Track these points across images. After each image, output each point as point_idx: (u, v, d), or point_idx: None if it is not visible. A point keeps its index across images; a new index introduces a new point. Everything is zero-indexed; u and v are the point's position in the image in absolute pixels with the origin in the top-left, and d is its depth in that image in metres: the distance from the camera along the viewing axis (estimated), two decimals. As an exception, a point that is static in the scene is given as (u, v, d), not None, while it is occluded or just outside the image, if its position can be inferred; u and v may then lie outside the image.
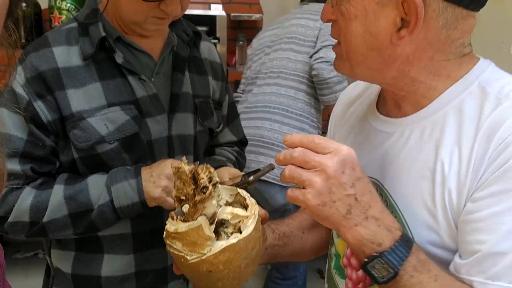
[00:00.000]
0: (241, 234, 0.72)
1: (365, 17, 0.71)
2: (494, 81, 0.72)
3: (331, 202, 0.66)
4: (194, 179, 0.70)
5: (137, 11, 1.00)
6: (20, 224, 1.03)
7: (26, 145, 1.01)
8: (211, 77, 1.23)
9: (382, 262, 0.66)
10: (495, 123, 0.67)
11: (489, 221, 0.65)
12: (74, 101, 1.02)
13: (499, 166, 0.65)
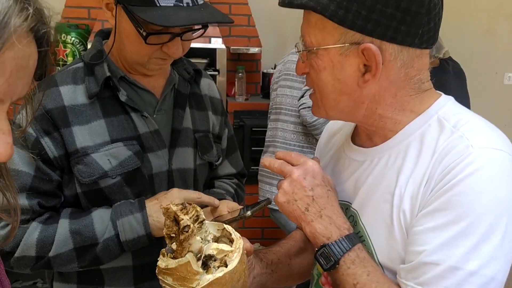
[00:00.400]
0: (226, 268, 0.77)
1: (332, 67, 0.79)
2: (452, 115, 0.80)
3: (293, 200, 0.84)
4: (176, 221, 0.76)
5: (141, 53, 1.05)
6: (26, 258, 1.05)
7: (34, 180, 1.05)
8: (211, 112, 1.28)
9: (326, 251, 0.81)
10: (444, 151, 0.76)
11: (426, 234, 0.74)
12: (79, 138, 1.06)
13: (440, 188, 0.74)
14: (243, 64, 3.08)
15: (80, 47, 2.82)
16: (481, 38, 3.49)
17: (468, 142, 0.74)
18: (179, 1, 0.99)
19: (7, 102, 0.50)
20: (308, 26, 0.80)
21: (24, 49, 0.48)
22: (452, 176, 0.72)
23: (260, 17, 3.16)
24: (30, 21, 0.48)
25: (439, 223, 0.72)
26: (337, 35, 0.77)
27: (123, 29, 1.04)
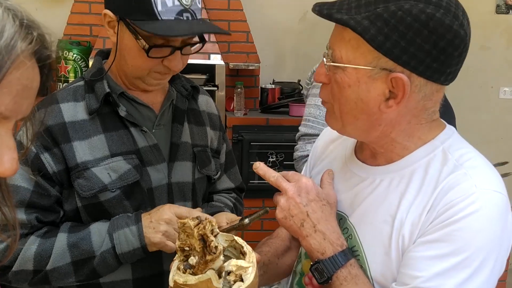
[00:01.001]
0: (244, 283, 0.79)
1: (358, 87, 0.81)
2: (455, 149, 0.85)
3: (290, 216, 0.88)
4: (204, 241, 0.77)
5: (142, 67, 1.08)
6: (24, 272, 1.07)
7: (32, 195, 1.07)
8: (208, 128, 1.30)
9: (320, 267, 0.85)
10: (448, 186, 0.80)
11: (423, 261, 0.78)
12: (79, 152, 1.09)
13: (441, 221, 0.78)
14: (241, 80, 3.12)
15: (81, 63, 2.86)
16: (477, 53, 3.53)
17: (472, 182, 0.79)
18: (180, 15, 1.03)
19: (13, 120, 0.53)
20: (341, 41, 0.81)
21: (28, 71, 0.51)
22: (454, 212, 0.77)
23: (258, 34, 3.21)
24: (34, 44, 0.51)
25: (438, 254, 0.77)
26: (370, 57, 0.78)
27: (124, 45, 1.08)
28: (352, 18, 0.78)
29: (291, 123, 2.94)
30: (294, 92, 3.14)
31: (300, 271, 1.01)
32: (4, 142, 0.52)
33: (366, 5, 0.78)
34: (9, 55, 0.48)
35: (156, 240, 1.05)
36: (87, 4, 3.02)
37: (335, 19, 0.80)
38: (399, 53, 0.77)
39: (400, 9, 0.76)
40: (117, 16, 1.06)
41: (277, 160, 2.94)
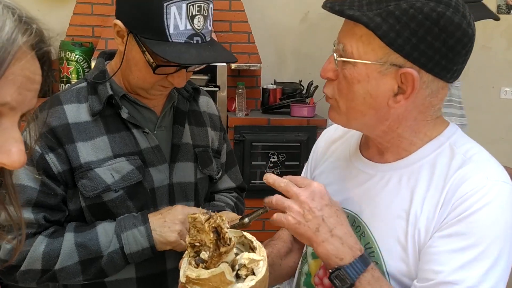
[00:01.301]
0: (256, 276, 0.79)
1: (367, 82, 0.82)
2: (461, 144, 0.88)
3: (304, 221, 0.83)
4: (217, 232, 0.77)
5: (147, 80, 1.10)
6: (32, 272, 1.08)
7: (39, 194, 1.08)
8: (209, 128, 1.32)
9: (341, 274, 0.82)
10: (459, 179, 0.83)
11: (444, 256, 0.80)
12: (83, 153, 1.10)
13: (458, 214, 0.80)
14: (243, 80, 3.13)
15: (84, 64, 2.88)
16: (478, 53, 3.52)
17: (483, 174, 0.82)
18: (190, 39, 1.04)
19: (19, 111, 0.54)
20: (351, 37, 0.83)
21: (30, 63, 0.53)
22: (470, 204, 0.80)
23: (259, 34, 3.22)
24: (33, 37, 0.54)
25: (458, 247, 0.79)
26: (380, 53, 0.80)
27: (132, 56, 1.08)
28: (364, 15, 0.79)
29: (293, 124, 2.95)
30: (295, 92, 3.15)
31: (307, 272, 1.02)
32: (11, 134, 0.54)
33: (378, 3, 0.80)
34: (11, 47, 0.50)
35: (173, 239, 1.08)
36: (89, 5, 3.03)
37: (347, 15, 0.81)
38: (410, 49, 0.79)
39: (411, 7, 0.78)
40: (128, 29, 1.06)
41: (279, 161, 2.96)
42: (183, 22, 1.01)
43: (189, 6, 1.01)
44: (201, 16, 1.04)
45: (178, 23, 1.01)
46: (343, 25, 0.87)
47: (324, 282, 0.96)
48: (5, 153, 0.53)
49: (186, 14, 1.01)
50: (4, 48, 0.49)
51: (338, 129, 1.10)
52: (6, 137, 0.53)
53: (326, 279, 0.95)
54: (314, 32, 3.30)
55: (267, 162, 2.95)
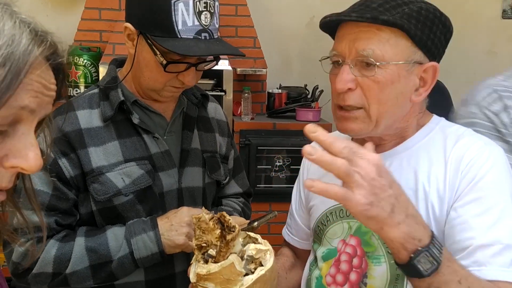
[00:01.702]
0: (265, 266, 0.80)
1: (399, 82, 0.88)
2: (449, 127, 0.97)
3: (377, 202, 0.70)
4: (221, 222, 0.79)
5: (158, 80, 1.12)
6: (43, 275, 1.11)
7: (51, 199, 1.11)
8: (217, 134, 1.34)
9: (427, 255, 0.73)
10: (460, 150, 0.89)
11: (471, 221, 0.83)
12: (95, 158, 1.13)
13: (469, 181, 0.86)
14: (249, 85, 3.14)
15: (92, 69, 2.91)
16: (484, 58, 3.54)
17: (480, 142, 0.90)
18: (198, 35, 1.07)
19: (37, 115, 0.57)
20: (378, 42, 0.86)
21: (45, 72, 0.56)
22: (477, 169, 0.86)
23: (265, 39, 3.24)
24: (48, 49, 0.57)
25: (480, 211, 0.83)
26: (407, 53, 0.87)
27: (142, 57, 1.11)
28: (396, 18, 0.85)
29: (298, 128, 2.97)
30: (300, 96, 3.16)
31: (318, 276, 1.03)
32: (28, 139, 0.56)
33: (394, 7, 0.87)
34: (28, 57, 0.53)
35: (181, 242, 1.10)
36: (97, 10, 3.06)
37: (381, 20, 0.85)
38: (430, 45, 0.88)
39: (421, 8, 0.88)
40: (138, 30, 1.10)
41: (284, 165, 2.97)
42: (190, 18, 1.05)
43: (195, 2, 1.05)
44: (208, 12, 1.07)
45: (186, 19, 1.05)
46: (354, 34, 0.87)
47: (337, 279, 0.98)
48: (23, 158, 0.56)
49: (193, 10, 1.05)
50: (22, 58, 0.52)
51: None
52: (24, 143, 0.56)
53: (339, 275, 0.97)
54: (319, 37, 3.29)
55: (273, 166, 2.96)
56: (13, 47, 0.52)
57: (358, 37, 0.87)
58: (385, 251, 0.92)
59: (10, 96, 0.51)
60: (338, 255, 0.99)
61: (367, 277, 0.95)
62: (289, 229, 1.21)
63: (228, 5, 3.05)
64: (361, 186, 0.69)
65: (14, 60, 0.52)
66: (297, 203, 1.17)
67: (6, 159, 0.55)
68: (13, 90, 0.52)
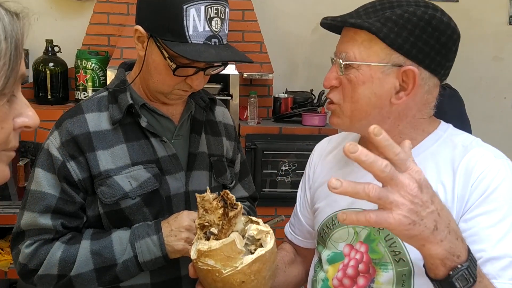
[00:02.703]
0: (266, 247, 0.80)
1: (372, 82, 0.90)
2: (457, 135, 0.97)
3: (419, 220, 0.67)
4: (224, 200, 0.80)
5: (166, 83, 1.13)
6: (49, 276, 1.12)
7: (58, 201, 1.12)
8: (224, 138, 1.35)
9: (466, 273, 0.71)
10: (469, 164, 0.89)
11: (481, 233, 0.84)
12: (103, 161, 1.14)
13: (480, 194, 0.86)
14: (255, 89, 3.15)
15: (99, 73, 2.93)
16: (490, 64, 3.54)
17: (489, 154, 0.90)
18: (208, 40, 1.08)
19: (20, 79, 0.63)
20: (352, 44, 0.91)
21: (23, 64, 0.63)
22: (488, 182, 0.86)
23: (272, 44, 3.26)
24: None
25: (491, 223, 0.84)
26: (382, 55, 0.89)
27: (152, 60, 1.12)
28: (365, 21, 0.87)
29: (304, 132, 2.97)
30: (306, 101, 3.17)
31: (324, 278, 1.03)
32: (23, 101, 0.63)
33: (374, 12, 0.89)
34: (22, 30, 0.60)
35: (180, 248, 1.10)
36: (105, 15, 3.09)
37: (350, 23, 0.89)
38: (409, 47, 0.87)
39: (406, 12, 0.88)
40: (148, 33, 1.11)
41: (290, 169, 2.97)
42: (201, 24, 1.06)
43: (207, 8, 1.06)
44: (219, 18, 1.08)
45: (197, 25, 1.06)
46: (341, 38, 0.94)
47: (344, 282, 0.99)
48: (27, 117, 0.62)
49: (204, 16, 1.06)
50: (16, 30, 0.59)
51: (332, 141, 1.15)
52: (21, 104, 0.62)
53: (346, 279, 0.98)
54: (325, 42, 3.30)
55: (278, 171, 2.97)
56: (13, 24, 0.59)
57: (342, 41, 0.94)
58: (392, 259, 0.93)
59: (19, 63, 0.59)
60: (348, 260, 1.00)
61: (375, 282, 0.95)
62: (292, 228, 1.22)
63: (235, 10, 3.07)
64: (401, 204, 0.65)
65: (12, 32, 0.58)
66: (302, 203, 1.19)
67: (15, 121, 0.61)
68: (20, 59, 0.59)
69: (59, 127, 1.16)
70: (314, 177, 1.14)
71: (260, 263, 0.79)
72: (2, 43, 0.57)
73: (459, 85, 2.63)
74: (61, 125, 1.16)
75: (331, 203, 1.04)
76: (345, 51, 0.91)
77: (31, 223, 1.12)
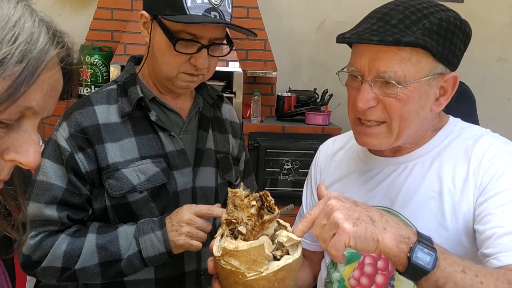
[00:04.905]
0: (293, 256, 0.77)
1: (420, 97, 0.89)
2: (466, 128, 0.99)
3: (357, 220, 0.74)
4: (262, 200, 0.76)
5: (170, 64, 1.12)
6: (52, 269, 1.11)
7: (65, 193, 1.11)
8: (231, 136, 1.34)
9: (421, 247, 0.73)
10: (481, 151, 0.91)
11: (495, 212, 0.85)
12: (111, 154, 1.13)
13: (491, 176, 0.88)
14: (258, 87, 3.15)
15: (102, 68, 2.93)
16: (494, 65, 3.53)
17: (499, 142, 0.92)
18: (208, 12, 1.08)
19: (40, 116, 0.58)
20: (399, 63, 0.86)
21: (56, 73, 0.58)
22: (498, 165, 0.88)
23: (276, 42, 3.25)
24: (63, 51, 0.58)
25: (503, 201, 0.85)
26: (428, 68, 0.88)
27: (155, 42, 1.13)
28: (418, 38, 0.84)
29: (307, 131, 2.97)
30: (310, 100, 3.17)
31: (339, 279, 1.02)
32: (30, 136, 0.57)
33: (414, 23, 0.86)
34: (44, 57, 0.54)
35: (181, 243, 1.08)
36: (109, 10, 3.09)
37: (404, 42, 0.84)
38: (451, 57, 0.89)
39: (441, 20, 0.88)
40: (151, 15, 1.12)
41: (292, 168, 2.97)
42: None
43: None
44: None
45: None
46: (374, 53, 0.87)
47: (362, 282, 0.98)
48: (24, 153, 0.57)
49: None
50: (39, 57, 0.54)
51: (337, 140, 1.15)
52: (26, 139, 0.57)
53: (364, 278, 0.97)
54: (329, 41, 3.30)
55: (281, 169, 2.97)
56: (31, 44, 0.53)
57: (378, 57, 0.87)
58: None
59: (24, 92, 0.53)
60: (362, 258, 0.99)
61: (395, 279, 0.94)
62: None
63: (240, 7, 3.07)
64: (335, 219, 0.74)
65: (31, 57, 0.53)
66: (309, 205, 1.17)
67: (7, 152, 0.57)
68: (27, 87, 0.53)
69: (68, 118, 1.15)
70: (321, 178, 1.12)
71: (285, 272, 0.76)
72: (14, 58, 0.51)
73: (464, 85, 2.62)
74: (70, 116, 1.15)
75: None
76: (391, 71, 0.86)
77: (37, 214, 1.11)
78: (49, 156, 1.13)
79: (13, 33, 0.52)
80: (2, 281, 0.73)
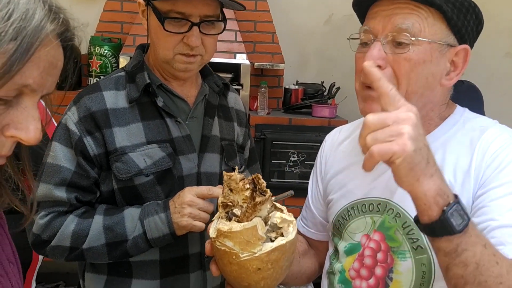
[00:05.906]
0: (287, 237, 0.79)
1: (431, 62, 0.87)
2: (472, 119, 0.97)
3: (418, 149, 0.66)
4: (254, 183, 0.78)
5: (165, 46, 1.15)
6: (61, 248, 1.15)
7: (74, 175, 1.15)
8: (236, 124, 1.37)
9: (459, 209, 0.70)
10: (486, 143, 0.90)
11: (493, 204, 0.84)
12: (119, 138, 1.16)
13: (494, 169, 0.86)
14: (266, 80, 3.17)
15: (112, 59, 2.96)
16: (501, 60, 3.52)
17: (505, 134, 0.91)
18: None
19: (39, 93, 0.59)
20: (418, 17, 0.85)
21: (54, 49, 0.57)
22: (502, 158, 0.87)
23: (283, 35, 3.27)
24: (60, 26, 0.58)
25: (502, 194, 0.84)
26: (441, 34, 0.87)
27: (151, 27, 1.16)
28: None
29: (314, 124, 2.99)
30: (317, 93, 3.18)
31: (340, 269, 1.03)
32: (30, 113, 0.57)
33: None
34: (39, 34, 0.54)
35: (184, 224, 1.12)
36: (119, 2, 3.12)
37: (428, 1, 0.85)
38: (464, 31, 0.88)
39: None
40: (145, 1, 1.16)
41: (298, 160, 2.99)
42: None
43: None
44: None
45: None
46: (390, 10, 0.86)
47: (362, 273, 0.98)
48: (24, 129, 0.57)
49: None
50: (33, 34, 0.54)
51: (343, 130, 1.14)
52: (26, 115, 0.57)
53: (363, 269, 0.98)
54: (337, 34, 3.33)
55: (287, 161, 2.99)
56: (26, 21, 0.53)
57: (395, 13, 0.86)
58: (410, 246, 0.92)
59: (18, 69, 0.53)
60: (362, 250, 0.99)
61: (393, 272, 0.95)
62: (304, 221, 1.21)
63: (248, 0, 3.08)
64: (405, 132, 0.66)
65: (26, 34, 0.53)
66: (314, 195, 1.17)
67: (7, 129, 0.57)
68: (22, 64, 0.53)
69: (77, 103, 1.18)
70: (326, 168, 1.13)
71: (279, 253, 0.77)
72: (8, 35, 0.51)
73: (470, 80, 2.62)
74: (79, 101, 1.18)
75: (346, 194, 1.04)
76: (409, 22, 0.84)
77: (46, 195, 1.15)
78: (58, 139, 1.17)
79: (7, 10, 0.51)
80: (8, 252, 0.74)
